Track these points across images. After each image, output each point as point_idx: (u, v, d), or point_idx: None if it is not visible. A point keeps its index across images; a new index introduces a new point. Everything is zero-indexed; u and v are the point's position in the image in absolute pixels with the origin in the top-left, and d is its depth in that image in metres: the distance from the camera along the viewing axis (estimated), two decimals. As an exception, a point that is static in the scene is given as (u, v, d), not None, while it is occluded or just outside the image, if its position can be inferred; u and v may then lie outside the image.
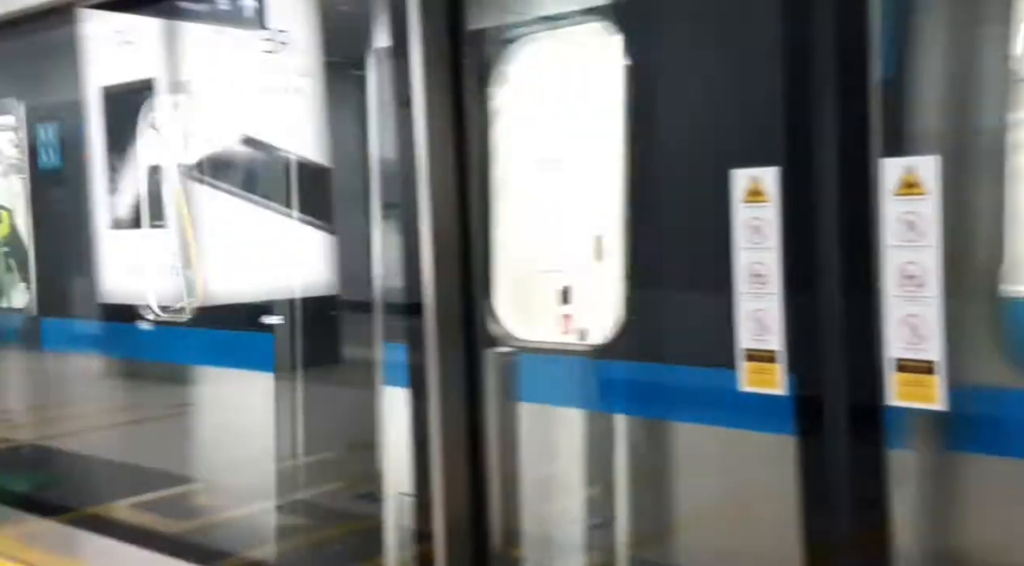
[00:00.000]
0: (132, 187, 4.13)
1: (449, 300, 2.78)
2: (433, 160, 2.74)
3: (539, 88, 3.00)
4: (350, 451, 3.44)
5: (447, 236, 2.77)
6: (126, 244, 3.97)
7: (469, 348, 2.79)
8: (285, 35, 3.57)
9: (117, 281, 4.01)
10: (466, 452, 2.79)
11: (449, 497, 2.77)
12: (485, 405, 2.79)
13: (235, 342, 3.68)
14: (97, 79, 3.91)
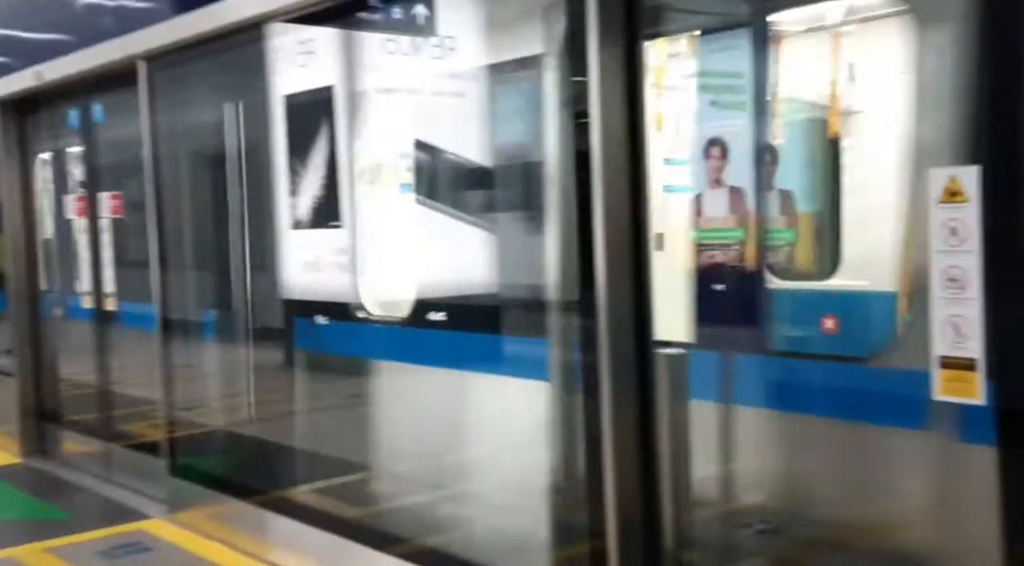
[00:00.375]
0: (311, 189, 4.33)
1: (622, 299, 2.80)
2: (607, 160, 2.76)
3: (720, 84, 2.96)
4: (519, 445, 3.52)
5: (620, 236, 2.79)
6: (306, 243, 4.17)
7: (641, 347, 2.81)
8: (453, 40, 3.67)
9: (298, 278, 4.23)
10: (638, 451, 2.82)
11: (621, 496, 2.80)
12: (657, 405, 2.80)
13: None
14: (282, 88, 4.11)
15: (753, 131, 2.92)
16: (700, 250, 3.04)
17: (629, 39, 2.73)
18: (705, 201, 3.05)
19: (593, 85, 2.71)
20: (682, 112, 3.85)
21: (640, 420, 2.81)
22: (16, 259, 6.18)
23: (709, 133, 2.95)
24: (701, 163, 2.98)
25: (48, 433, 6.23)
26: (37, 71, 5.33)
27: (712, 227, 3.00)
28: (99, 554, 4.29)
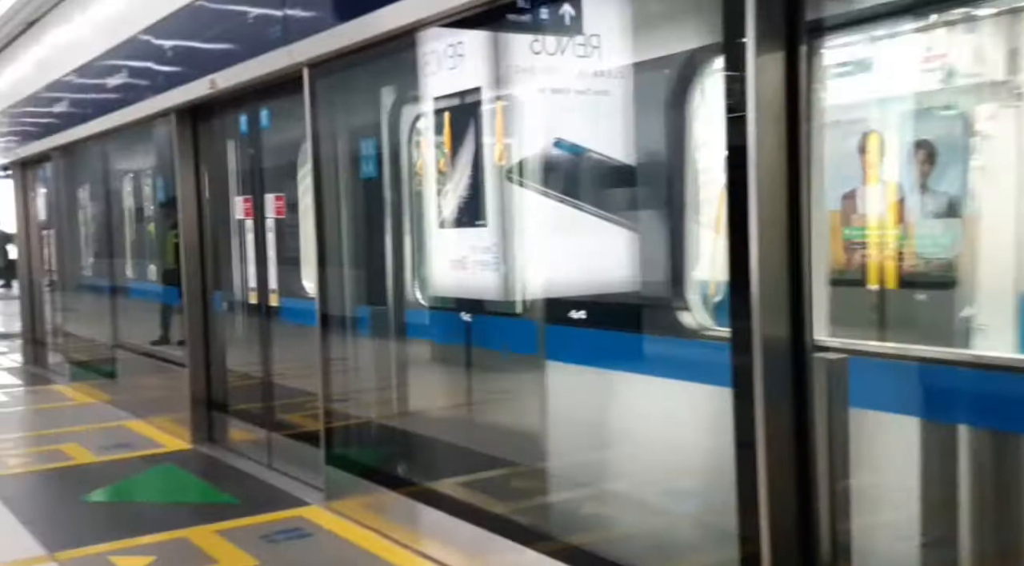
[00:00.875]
0: (457, 189, 4.43)
1: (777, 301, 2.74)
2: (763, 157, 2.70)
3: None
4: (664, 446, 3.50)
5: (777, 235, 2.72)
6: (453, 242, 4.26)
7: (797, 351, 2.73)
8: (598, 39, 3.68)
9: (445, 276, 4.33)
10: (793, 458, 2.75)
11: (774, 503, 2.73)
12: (813, 411, 2.72)
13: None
14: (432, 91, 4.23)
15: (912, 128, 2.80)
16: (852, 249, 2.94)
17: (789, 31, 2.66)
18: (859, 198, 2.95)
19: (750, 79, 2.66)
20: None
21: (796, 425, 2.74)
22: (189, 257, 6.60)
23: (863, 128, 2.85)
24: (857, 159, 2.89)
25: (216, 421, 6.63)
26: (211, 79, 5.67)
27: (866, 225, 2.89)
28: (262, 538, 4.53)
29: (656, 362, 3.52)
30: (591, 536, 3.64)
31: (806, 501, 2.76)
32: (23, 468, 6.11)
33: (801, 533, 2.75)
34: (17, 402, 9.01)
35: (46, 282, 10.62)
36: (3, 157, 11.16)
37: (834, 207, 3.38)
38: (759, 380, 2.72)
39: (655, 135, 3.89)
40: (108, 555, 4.33)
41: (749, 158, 2.68)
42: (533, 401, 4.03)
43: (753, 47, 2.65)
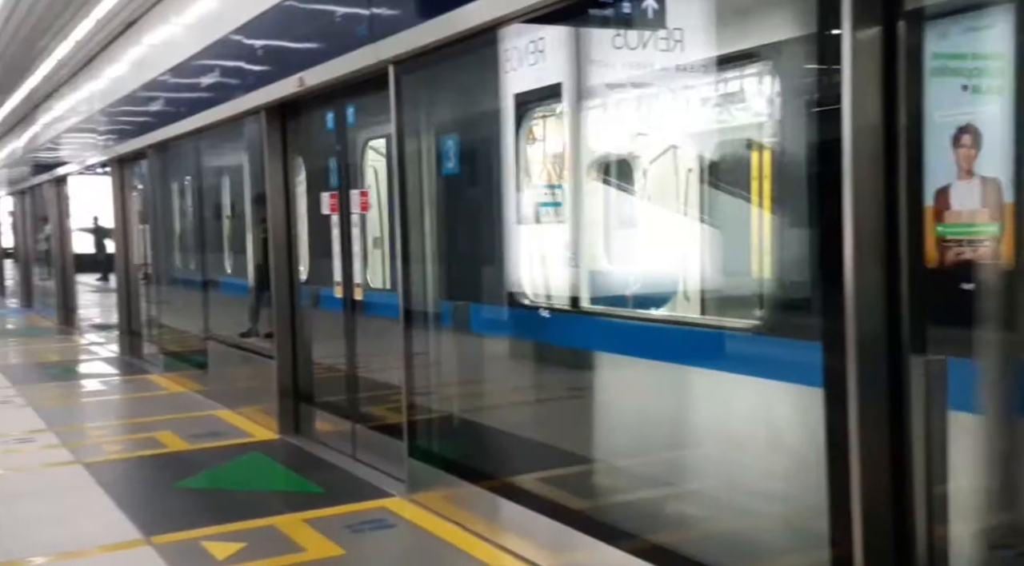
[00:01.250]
0: (537, 186, 4.44)
1: (872, 300, 2.67)
2: (858, 150, 2.63)
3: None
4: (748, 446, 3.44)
5: (873, 231, 2.65)
6: (532, 238, 4.28)
7: (894, 352, 2.66)
8: (681, 33, 3.63)
9: (524, 272, 4.35)
10: (888, 462, 2.68)
11: (867, 507, 2.67)
12: (911, 415, 2.64)
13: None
14: (512, 87, 4.24)
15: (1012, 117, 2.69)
16: (946, 246, 2.84)
17: (887, 17, 2.59)
18: (953, 193, 2.85)
19: (845, 69, 2.60)
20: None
21: (891, 428, 2.67)
22: (278, 252, 6.76)
23: (960, 120, 2.75)
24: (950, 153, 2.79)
25: (302, 412, 6.78)
26: (300, 77, 5.80)
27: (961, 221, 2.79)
28: (347, 527, 4.63)
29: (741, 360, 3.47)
30: (675, 535, 3.61)
31: (902, 506, 2.69)
32: (120, 455, 6.36)
33: (896, 538, 2.68)
34: (114, 391, 9.38)
35: (141, 275, 11.01)
36: (102, 154, 11.60)
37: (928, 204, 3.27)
38: (853, 381, 2.66)
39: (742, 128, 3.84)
40: (201, 540, 4.48)
41: (844, 152, 2.62)
42: (615, 398, 4.01)
43: (849, 36, 2.59)
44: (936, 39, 2.71)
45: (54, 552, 4.48)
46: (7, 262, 22.73)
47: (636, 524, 3.70)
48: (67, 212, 15.06)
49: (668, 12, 3.61)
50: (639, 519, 3.74)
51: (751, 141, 3.77)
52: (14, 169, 18.96)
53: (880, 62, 2.63)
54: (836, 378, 2.70)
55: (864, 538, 2.66)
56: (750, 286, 3.60)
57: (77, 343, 13.15)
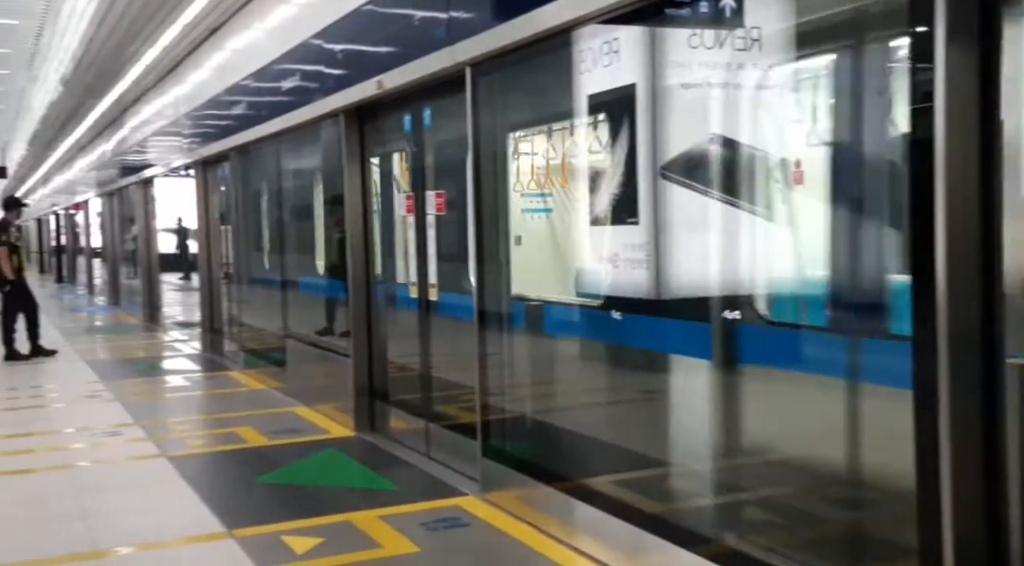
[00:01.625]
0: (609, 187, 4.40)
1: (967, 301, 2.59)
2: (951, 150, 2.55)
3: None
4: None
5: (965, 232, 2.57)
6: (605, 239, 4.25)
7: (989, 356, 2.57)
8: (759, 31, 3.57)
9: (597, 273, 4.32)
10: (981, 469, 2.59)
11: (959, 516, 2.59)
12: (1006, 420, 2.55)
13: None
14: (586, 88, 4.22)
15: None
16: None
17: (984, 15, 2.51)
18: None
19: (939, 67, 2.52)
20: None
21: (985, 435, 2.58)
22: (355, 252, 6.86)
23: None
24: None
25: (377, 410, 6.87)
26: (379, 80, 5.88)
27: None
28: (422, 525, 4.67)
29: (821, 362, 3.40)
30: (752, 541, 3.55)
31: (996, 515, 2.60)
32: (203, 449, 6.54)
33: (990, 551, 2.59)
34: (196, 387, 9.64)
35: (222, 275, 11.29)
36: (186, 157, 11.93)
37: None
38: (945, 386, 2.58)
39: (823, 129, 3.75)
40: (281, 534, 4.57)
41: (936, 152, 2.55)
42: (689, 400, 3.96)
43: (943, 32, 2.51)
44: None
45: (139, 542, 4.63)
46: (95, 261, 23.58)
47: (713, 529, 3.65)
48: (153, 213, 15.54)
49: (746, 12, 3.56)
50: (716, 523, 3.69)
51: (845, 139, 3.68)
52: (103, 171, 19.65)
53: (976, 61, 2.55)
54: (927, 382, 2.62)
55: (955, 549, 2.58)
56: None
57: (161, 340, 13.56)
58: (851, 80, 3.30)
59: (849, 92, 3.29)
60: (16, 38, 15.11)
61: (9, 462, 6.24)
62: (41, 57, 16.04)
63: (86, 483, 5.71)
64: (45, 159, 29.66)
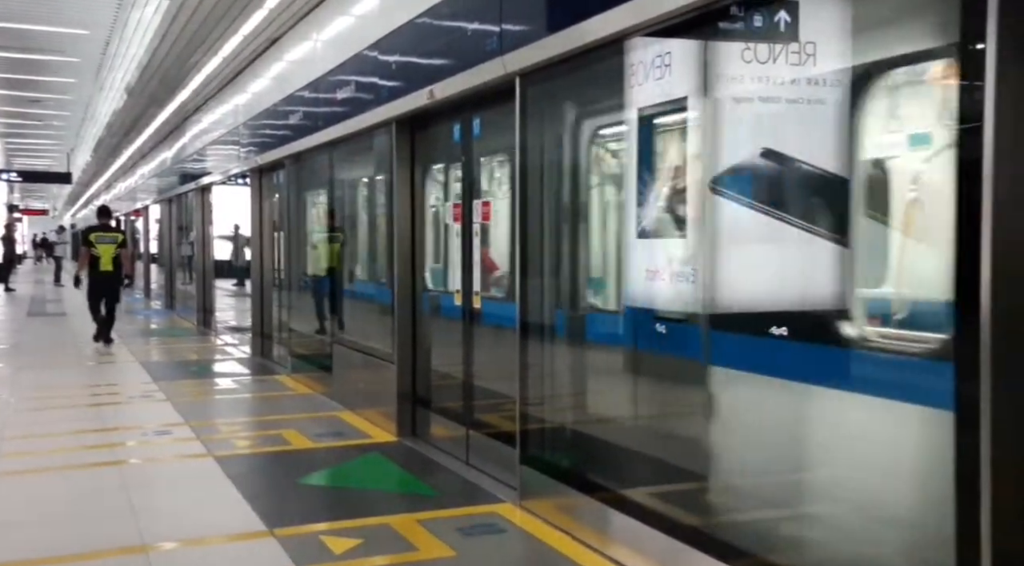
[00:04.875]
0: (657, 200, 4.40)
1: (1012, 319, 2.55)
2: (1000, 168, 2.53)
3: None
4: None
5: (1011, 247, 2.54)
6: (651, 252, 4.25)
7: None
8: (813, 46, 3.56)
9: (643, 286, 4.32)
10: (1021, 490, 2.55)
11: (999, 540, 2.55)
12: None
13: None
14: (637, 101, 4.24)
15: None
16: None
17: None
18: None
19: (989, 85, 2.50)
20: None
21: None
22: (401, 260, 6.94)
23: None
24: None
25: (419, 416, 6.93)
26: (430, 90, 5.96)
27: None
28: (459, 530, 4.70)
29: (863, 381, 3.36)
30: (790, 556, 3.52)
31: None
32: (248, 450, 6.65)
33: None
34: (245, 390, 9.80)
35: (275, 281, 11.48)
36: (243, 165, 12.18)
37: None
38: (987, 406, 2.55)
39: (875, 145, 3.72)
40: (320, 535, 4.63)
41: (984, 168, 2.53)
42: (731, 415, 3.94)
43: (994, 50, 2.50)
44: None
45: (183, 538, 4.73)
46: (152, 266, 24.10)
47: (752, 543, 3.63)
48: (210, 220, 15.86)
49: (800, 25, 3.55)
50: (755, 538, 3.66)
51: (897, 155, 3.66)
52: (163, 178, 20.11)
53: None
54: (969, 402, 2.59)
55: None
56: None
57: (213, 344, 13.81)
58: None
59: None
60: (85, 48, 15.58)
61: (64, 458, 6.41)
62: (108, 66, 16.51)
63: (135, 480, 5.85)
64: (108, 166, 30.47)
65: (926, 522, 3.05)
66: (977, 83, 2.56)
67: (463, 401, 6.23)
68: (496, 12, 5.11)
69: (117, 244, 13.03)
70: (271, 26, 9.73)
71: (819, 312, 3.51)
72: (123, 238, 13.29)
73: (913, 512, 3.14)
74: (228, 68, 12.15)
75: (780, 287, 3.77)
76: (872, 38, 3.40)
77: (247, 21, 9.74)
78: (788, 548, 3.56)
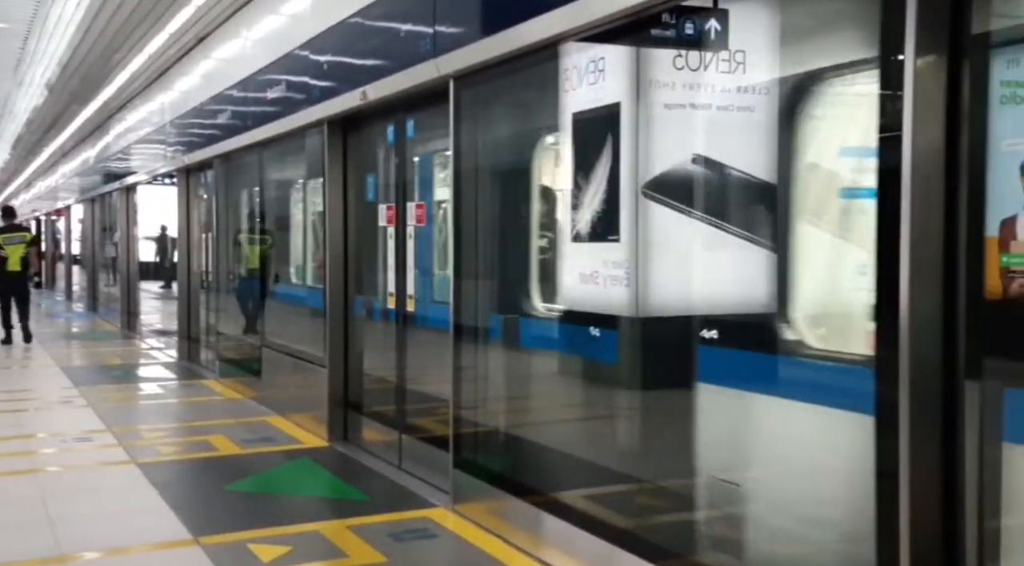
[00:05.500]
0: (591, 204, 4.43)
1: (926, 323, 2.62)
2: (918, 180, 2.60)
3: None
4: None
5: (930, 259, 2.61)
6: (584, 256, 4.27)
7: (948, 378, 2.61)
8: (743, 55, 3.62)
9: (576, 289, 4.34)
10: (940, 491, 2.62)
11: (916, 538, 2.61)
12: (964, 444, 2.59)
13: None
14: (570, 106, 4.26)
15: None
16: (1011, 277, 2.78)
17: (952, 43, 2.56)
18: (1020, 223, 2.79)
19: (907, 96, 2.57)
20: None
21: (944, 458, 2.61)
22: (333, 263, 6.86)
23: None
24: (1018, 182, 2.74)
25: (351, 421, 6.85)
26: (363, 91, 5.91)
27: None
28: (391, 536, 4.65)
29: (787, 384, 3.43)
30: (719, 557, 3.57)
31: (953, 538, 2.62)
32: (174, 457, 6.49)
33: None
34: (171, 395, 9.58)
35: (203, 283, 11.25)
36: (170, 164, 11.91)
37: (991, 233, 3.22)
38: (905, 408, 2.61)
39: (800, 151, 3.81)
40: (248, 543, 4.54)
41: (903, 178, 2.60)
42: (656, 418, 3.98)
43: (912, 63, 2.57)
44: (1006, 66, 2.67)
45: (105, 548, 4.58)
46: (74, 268, 23.41)
47: (681, 544, 3.66)
48: (135, 220, 15.47)
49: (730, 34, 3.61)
50: (684, 539, 3.70)
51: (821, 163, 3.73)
52: (86, 177, 19.56)
53: (944, 88, 2.60)
54: (888, 405, 2.65)
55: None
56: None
57: (138, 347, 13.46)
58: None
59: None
60: (3, 41, 15.06)
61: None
62: (27, 61, 15.98)
63: (54, 488, 5.66)
64: (28, 164, 29.49)
65: (849, 522, 3.12)
66: (898, 93, 2.63)
67: (396, 405, 6.18)
68: (430, 14, 5.09)
69: (26, 243, 12.86)
70: (198, 23, 9.53)
71: (748, 316, 3.57)
72: (32, 236, 13.17)
73: (837, 512, 3.20)
74: (154, 66, 11.87)
75: (710, 292, 3.82)
76: (800, 49, 3.48)
77: (173, 19, 9.52)
78: (715, 548, 3.61)
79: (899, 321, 2.61)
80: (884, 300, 2.69)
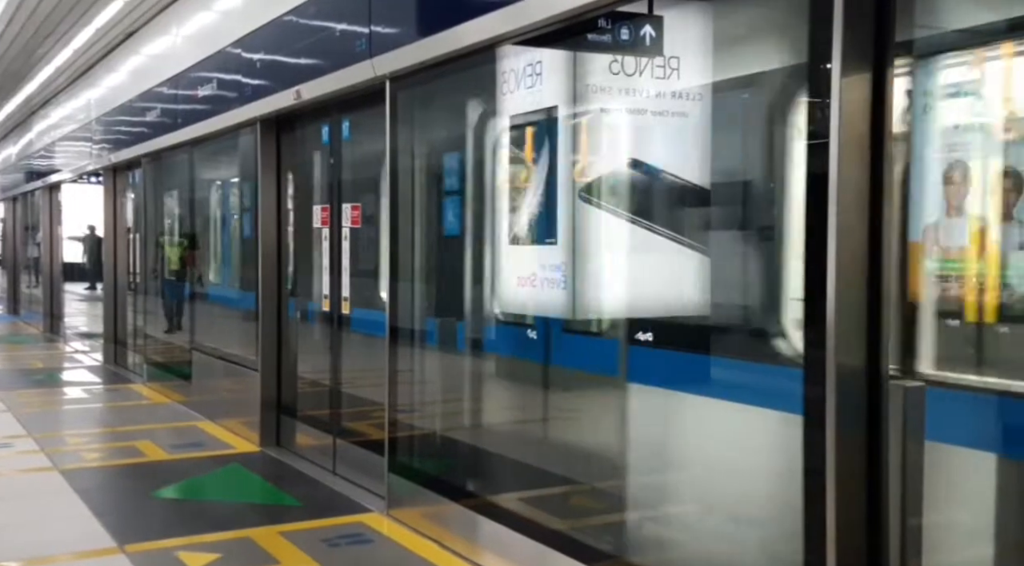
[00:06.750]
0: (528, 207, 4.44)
1: (853, 326, 2.69)
2: (843, 187, 2.66)
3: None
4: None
5: (855, 263, 2.67)
6: (522, 259, 4.28)
7: (873, 379, 2.67)
8: (677, 61, 3.67)
9: (514, 292, 4.34)
10: (864, 490, 2.68)
11: (842, 535, 2.67)
12: (888, 442, 2.65)
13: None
14: (508, 109, 4.27)
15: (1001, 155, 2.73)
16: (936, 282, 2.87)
17: (877, 55, 2.63)
18: (941, 229, 2.88)
19: (834, 104, 2.63)
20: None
21: (868, 455, 2.68)
22: (266, 264, 6.75)
23: (950, 157, 2.80)
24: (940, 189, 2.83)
25: (284, 425, 6.74)
26: (297, 90, 5.82)
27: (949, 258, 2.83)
28: (324, 541, 4.59)
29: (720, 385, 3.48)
30: (652, 558, 3.60)
31: (876, 535, 2.69)
32: (98, 463, 6.31)
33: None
34: (96, 399, 9.31)
35: (129, 285, 10.97)
36: (96, 163, 11.59)
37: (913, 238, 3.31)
38: (832, 408, 2.67)
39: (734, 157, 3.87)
40: (175, 550, 4.43)
41: (830, 185, 2.65)
42: (593, 419, 4.01)
43: (839, 71, 2.62)
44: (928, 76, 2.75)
45: (25, 557, 4.43)
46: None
47: (616, 545, 3.69)
48: (59, 220, 15.02)
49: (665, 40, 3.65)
50: (620, 540, 3.72)
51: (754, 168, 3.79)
52: (7, 176, 18.94)
53: (868, 98, 2.66)
54: (815, 405, 2.71)
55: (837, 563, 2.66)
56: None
57: (62, 351, 13.07)
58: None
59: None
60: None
61: None
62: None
63: (-29, 496, 5.46)
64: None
65: (778, 520, 3.18)
66: (825, 100, 2.69)
67: (330, 409, 6.10)
68: (365, 13, 5.04)
69: None
70: (127, 18, 9.29)
71: (679, 319, 3.61)
72: None
73: (765, 511, 3.26)
74: (80, 60, 11.53)
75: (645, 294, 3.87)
76: (731, 56, 3.54)
77: (101, 12, 9.27)
78: (649, 548, 3.64)
79: (826, 323, 2.66)
80: (812, 302, 2.74)
